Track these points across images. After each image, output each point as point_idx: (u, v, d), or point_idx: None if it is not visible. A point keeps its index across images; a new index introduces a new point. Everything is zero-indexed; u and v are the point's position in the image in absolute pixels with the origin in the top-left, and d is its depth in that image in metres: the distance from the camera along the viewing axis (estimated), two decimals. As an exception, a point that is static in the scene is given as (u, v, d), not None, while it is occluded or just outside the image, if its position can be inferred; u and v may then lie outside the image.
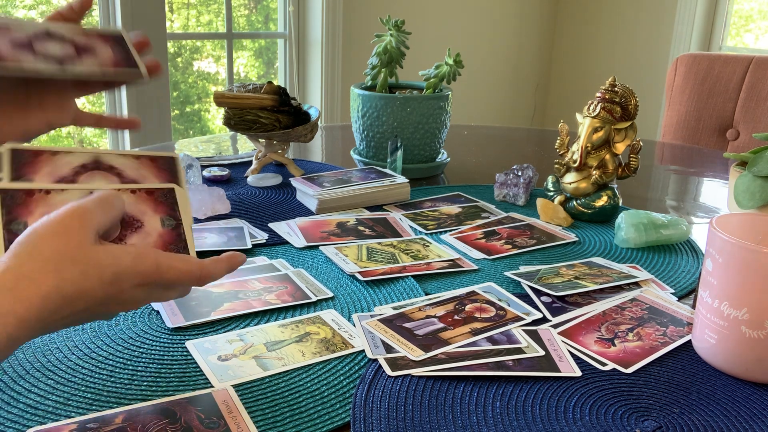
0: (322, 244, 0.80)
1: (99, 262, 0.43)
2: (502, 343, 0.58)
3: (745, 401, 0.52)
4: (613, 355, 0.57)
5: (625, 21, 3.33)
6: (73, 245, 0.42)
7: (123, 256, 0.44)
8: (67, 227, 0.42)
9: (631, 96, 0.91)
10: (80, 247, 0.42)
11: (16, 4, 2.16)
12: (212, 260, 0.49)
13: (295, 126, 1.03)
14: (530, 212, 0.95)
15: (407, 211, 0.93)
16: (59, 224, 0.42)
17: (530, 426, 0.48)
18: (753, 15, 3.15)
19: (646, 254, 0.81)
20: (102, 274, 0.43)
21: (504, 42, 3.40)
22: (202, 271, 0.48)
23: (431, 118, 1.10)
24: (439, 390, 0.52)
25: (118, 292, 0.44)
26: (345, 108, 2.80)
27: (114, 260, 0.43)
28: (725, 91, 1.71)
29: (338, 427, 0.48)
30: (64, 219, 0.43)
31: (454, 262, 0.76)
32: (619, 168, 0.93)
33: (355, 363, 0.55)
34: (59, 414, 0.47)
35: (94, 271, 0.42)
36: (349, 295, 0.67)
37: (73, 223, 0.43)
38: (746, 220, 0.58)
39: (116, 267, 0.43)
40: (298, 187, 0.96)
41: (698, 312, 0.57)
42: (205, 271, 0.48)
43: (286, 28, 2.72)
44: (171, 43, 2.48)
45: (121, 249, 0.44)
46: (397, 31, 1.12)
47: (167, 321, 0.60)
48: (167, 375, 0.52)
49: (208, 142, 1.38)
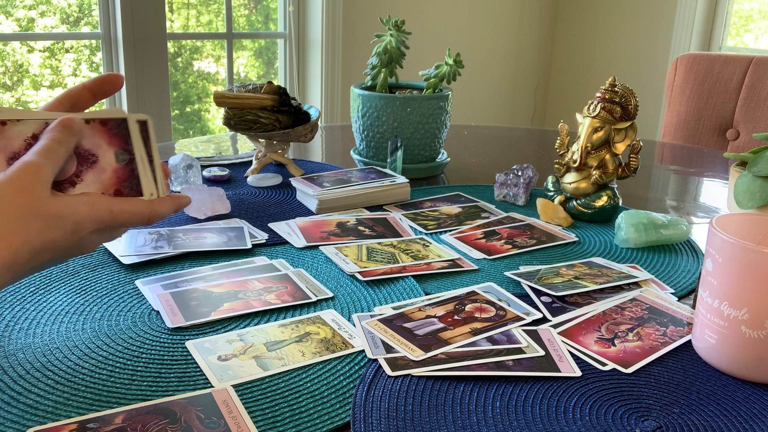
0: (322, 244, 0.80)
1: (59, 213, 0.47)
2: (502, 343, 0.58)
3: (745, 401, 0.52)
4: (613, 355, 0.57)
5: (625, 21, 3.33)
6: (33, 201, 0.46)
7: (79, 206, 0.48)
8: (24, 183, 0.46)
9: (631, 96, 0.91)
10: (40, 201, 0.46)
11: (16, 4, 2.16)
12: (159, 199, 0.54)
13: (295, 126, 1.03)
14: (530, 212, 0.95)
15: (407, 211, 0.93)
16: (17, 181, 0.46)
17: (530, 426, 0.48)
18: (753, 15, 3.15)
19: (646, 254, 0.81)
20: (63, 224, 0.47)
21: (504, 42, 3.40)
22: (151, 211, 0.53)
23: (431, 118, 1.10)
24: (439, 390, 0.52)
25: (78, 239, 0.49)
26: (345, 108, 2.80)
27: (72, 210, 0.48)
28: (725, 91, 1.71)
29: (338, 427, 0.48)
30: (20, 176, 0.46)
31: (454, 262, 0.76)
32: (619, 168, 0.93)
33: (355, 363, 0.55)
34: (59, 414, 0.47)
35: (56, 223, 0.47)
36: (349, 295, 0.67)
37: (30, 179, 0.46)
38: (746, 220, 0.58)
39: (75, 216, 0.48)
40: (298, 187, 0.96)
41: (698, 312, 0.57)
42: (154, 211, 0.53)
43: (286, 28, 2.72)
44: (171, 43, 2.48)
45: (76, 199, 0.49)
46: (397, 31, 1.12)
47: (167, 321, 0.60)
48: (167, 375, 0.52)
49: (208, 142, 1.38)
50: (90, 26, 2.32)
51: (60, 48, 2.32)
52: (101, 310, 0.62)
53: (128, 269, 0.71)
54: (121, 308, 0.63)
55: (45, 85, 2.30)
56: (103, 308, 0.63)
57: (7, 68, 2.22)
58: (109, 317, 0.61)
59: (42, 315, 0.61)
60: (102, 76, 0.56)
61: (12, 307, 0.62)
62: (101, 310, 0.62)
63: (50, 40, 2.29)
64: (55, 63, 2.32)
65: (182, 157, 0.97)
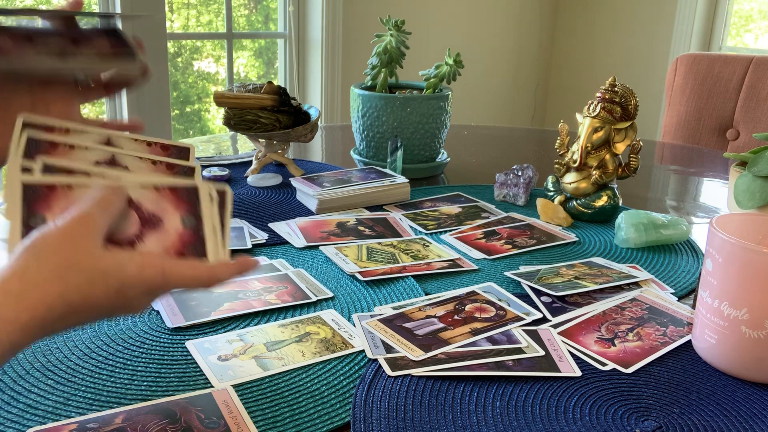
0: (322, 244, 0.80)
1: (105, 270, 0.42)
2: (502, 343, 0.58)
3: (745, 401, 0.52)
4: (613, 355, 0.57)
5: (625, 21, 3.33)
6: (79, 252, 0.42)
7: (128, 265, 0.43)
8: (73, 234, 0.42)
9: (631, 96, 0.91)
10: (86, 254, 0.42)
11: (16, 4, 2.16)
12: (223, 265, 0.48)
13: (295, 126, 1.03)
14: (530, 212, 0.95)
15: (407, 211, 0.93)
16: (66, 231, 0.42)
17: (530, 426, 0.48)
18: (753, 15, 3.15)
19: (646, 254, 0.81)
20: (107, 282, 0.42)
21: (504, 42, 3.40)
22: (210, 277, 0.47)
23: (431, 118, 1.10)
24: (439, 390, 0.52)
25: (124, 299, 0.43)
26: (345, 108, 2.80)
27: (119, 268, 0.43)
28: (725, 91, 1.71)
29: (338, 427, 0.48)
30: (71, 226, 0.42)
31: (454, 262, 0.76)
32: (619, 168, 0.93)
33: (355, 363, 0.55)
34: (59, 414, 0.47)
35: (100, 280, 0.42)
36: (349, 295, 0.67)
37: (79, 230, 0.42)
38: (746, 220, 0.58)
39: (122, 276, 0.43)
40: (298, 187, 0.96)
41: (698, 312, 0.57)
42: (214, 277, 0.47)
43: (286, 28, 2.73)
44: (171, 43, 2.48)
45: (127, 257, 0.44)
46: (397, 31, 1.12)
47: (167, 321, 0.60)
48: (167, 375, 0.52)
49: (208, 142, 1.38)
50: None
51: (60, 48, 2.31)
52: (101, 310, 0.62)
53: (128, 269, 0.71)
54: (121, 308, 0.63)
55: (45, 85, 2.30)
56: (103, 308, 0.63)
57: (7, 68, 2.21)
58: (109, 317, 0.61)
59: (42, 315, 0.61)
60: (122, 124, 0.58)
61: (12, 307, 0.62)
62: (101, 310, 0.62)
63: (50, 40, 2.29)
64: (55, 63, 2.31)
65: (182, 157, 0.97)
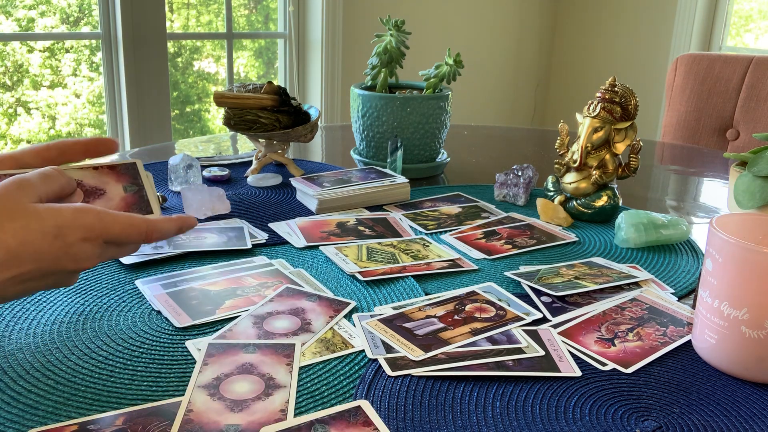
0: (322, 244, 0.80)
1: (39, 215, 0.44)
2: (502, 343, 0.58)
3: (745, 401, 0.52)
4: (613, 355, 0.57)
5: (625, 21, 3.33)
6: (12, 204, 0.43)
7: (63, 210, 0.45)
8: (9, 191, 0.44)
9: (631, 96, 0.91)
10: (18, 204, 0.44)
11: (16, 4, 2.16)
12: (162, 218, 0.50)
13: (295, 126, 1.03)
14: (530, 212, 0.95)
15: (407, 211, 0.93)
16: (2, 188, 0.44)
17: (530, 426, 0.48)
18: (753, 15, 3.15)
19: (646, 254, 0.81)
20: (43, 226, 0.44)
21: (504, 42, 3.40)
22: (149, 226, 0.48)
23: (431, 118, 1.10)
24: (439, 390, 0.52)
25: (64, 245, 0.45)
26: (345, 108, 2.80)
27: (54, 213, 0.44)
28: (725, 91, 1.71)
29: (338, 427, 0.48)
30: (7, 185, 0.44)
31: (454, 262, 0.76)
32: (619, 168, 0.93)
33: (355, 363, 0.55)
34: (59, 414, 0.47)
35: (36, 224, 0.43)
36: (349, 295, 0.67)
37: (11, 187, 0.44)
38: (746, 220, 0.58)
39: (57, 219, 0.44)
40: (298, 187, 0.96)
41: (698, 312, 0.57)
42: (153, 227, 0.49)
43: (286, 28, 2.72)
44: (171, 43, 2.48)
45: (61, 204, 0.45)
46: (397, 31, 1.12)
47: (174, 321, 0.60)
48: (167, 375, 0.52)
49: (208, 142, 1.38)
50: (90, 26, 2.32)
51: (60, 48, 2.32)
52: (101, 310, 0.62)
53: (128, 269, 0.71)
54: (121, 308, 0.63)
55: (45, 85, 2.30)
56: (103, 308, 0.63)
57: (7, 68, 2.22)
58: (109, 317, 0.61)
59: (42, 315, 0.61)
60: (100, 138, 0.55)
61: (12, 307, 0.62)
62: (101, 310, 0.62)
63: (50, 40, 2.29)
64: (55, 63, 2.32)
65: (182, 157, 0.97)
